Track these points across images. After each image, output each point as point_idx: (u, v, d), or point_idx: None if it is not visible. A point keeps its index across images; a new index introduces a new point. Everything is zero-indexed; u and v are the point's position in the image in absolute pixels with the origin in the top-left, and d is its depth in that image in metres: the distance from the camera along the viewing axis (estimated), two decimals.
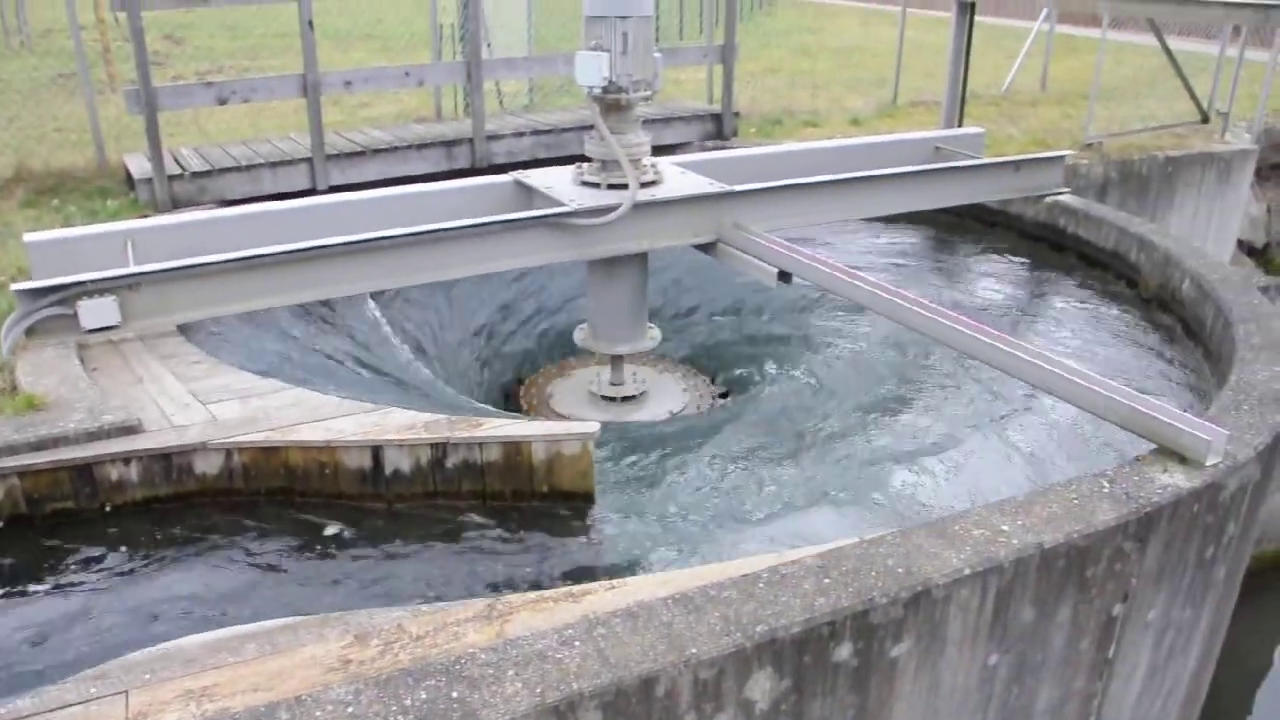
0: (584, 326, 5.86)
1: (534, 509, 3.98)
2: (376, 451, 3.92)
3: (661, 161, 5.77)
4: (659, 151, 5.89)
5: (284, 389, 4.40)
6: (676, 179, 5.59)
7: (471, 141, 8.27)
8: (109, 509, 3.85)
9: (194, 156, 7.69)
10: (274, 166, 7.55)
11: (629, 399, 5.95)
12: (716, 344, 6.88)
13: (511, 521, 3.89)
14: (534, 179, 5.48)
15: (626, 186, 5.15)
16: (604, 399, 5.95)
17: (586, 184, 5.40)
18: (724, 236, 5.40)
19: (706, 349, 6.85)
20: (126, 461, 3.84)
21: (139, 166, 7.42)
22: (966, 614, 2.98)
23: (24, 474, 3.71)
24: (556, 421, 5.27)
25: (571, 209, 5.06)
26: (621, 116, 5.34)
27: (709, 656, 2.54)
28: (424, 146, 8.16)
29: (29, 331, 4.30)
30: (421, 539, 3.78)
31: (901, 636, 2.87)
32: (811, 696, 2.78)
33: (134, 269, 4.43)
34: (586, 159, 5.50)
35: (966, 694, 3.15)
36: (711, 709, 2.61)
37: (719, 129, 9.60)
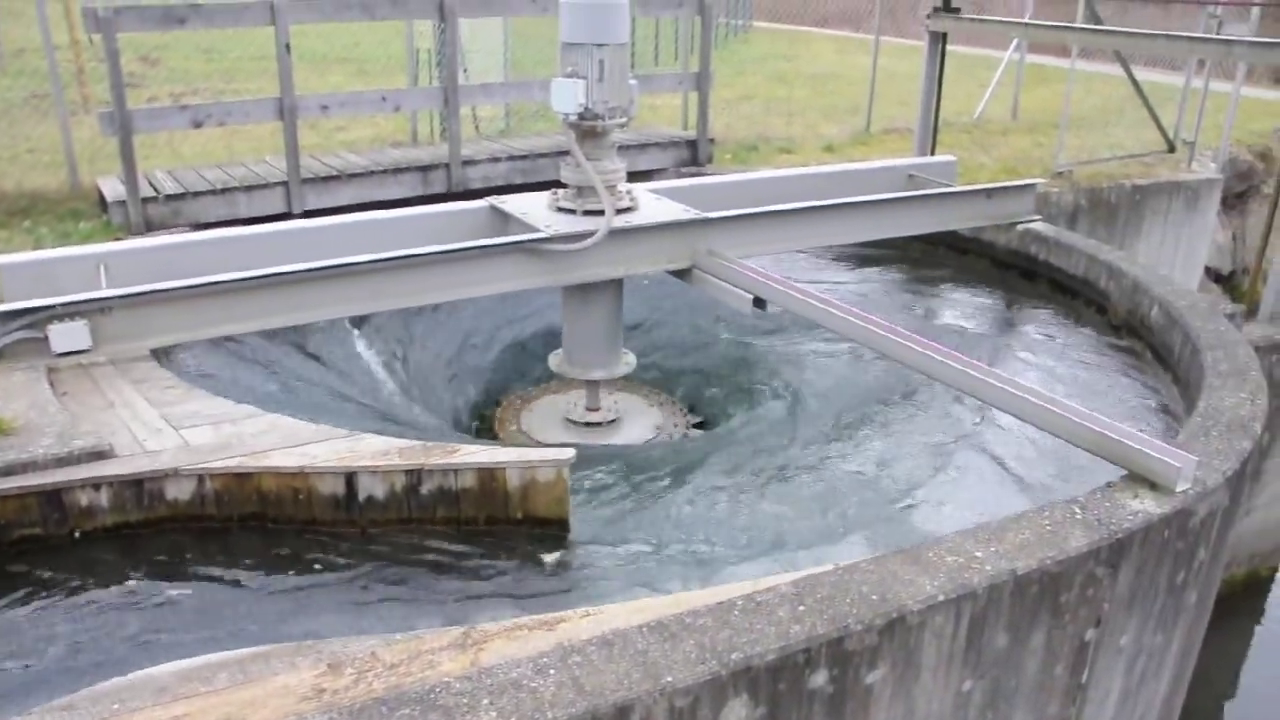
0: (559, 352, 5.86)
1: (509, 535, 3.97)
2: (350, 478, 3.90)
3: (637, 188, 5.79)
4: (634, 177, 5.92)
5: (257, 414, 4.37)
6: (652, 205, 5.61)
7: (447, 166, 8.28)
8: (78, 535, 3.80)
9: (168, 179, 7.65)
10: (249, 190, 7.53)
11: (604, 424, 5.95)
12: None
13: (486, 548, 3.87)
14: (510, 205, 5.49)
15: (602, 213, 5.17)
16: (579, 424, 5.95)
17: (562, 210, 5.42)
18: (699, 263, 5.43)
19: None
20: (96, 487, 3.79)
21: (112, 189, 7.38)
22: (941, 640, 2.99)
23: None
24: (532, 448, 5.26)
25: (547, 235, 5.07)
26: (597, 143, 5.37)
27: (684, 684, 2.54)
28: (400, 171, 8.17)
29: None
30: (395, 566, 3.76)
31: (876, 663, 2.88)
32: None
33: (106, 292, 4.40)
34: (562, 185, 5.52)
35: None
36: None
37: (694, 155, 9.66)
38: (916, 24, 13.88)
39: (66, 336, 4.28)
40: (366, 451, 4.00)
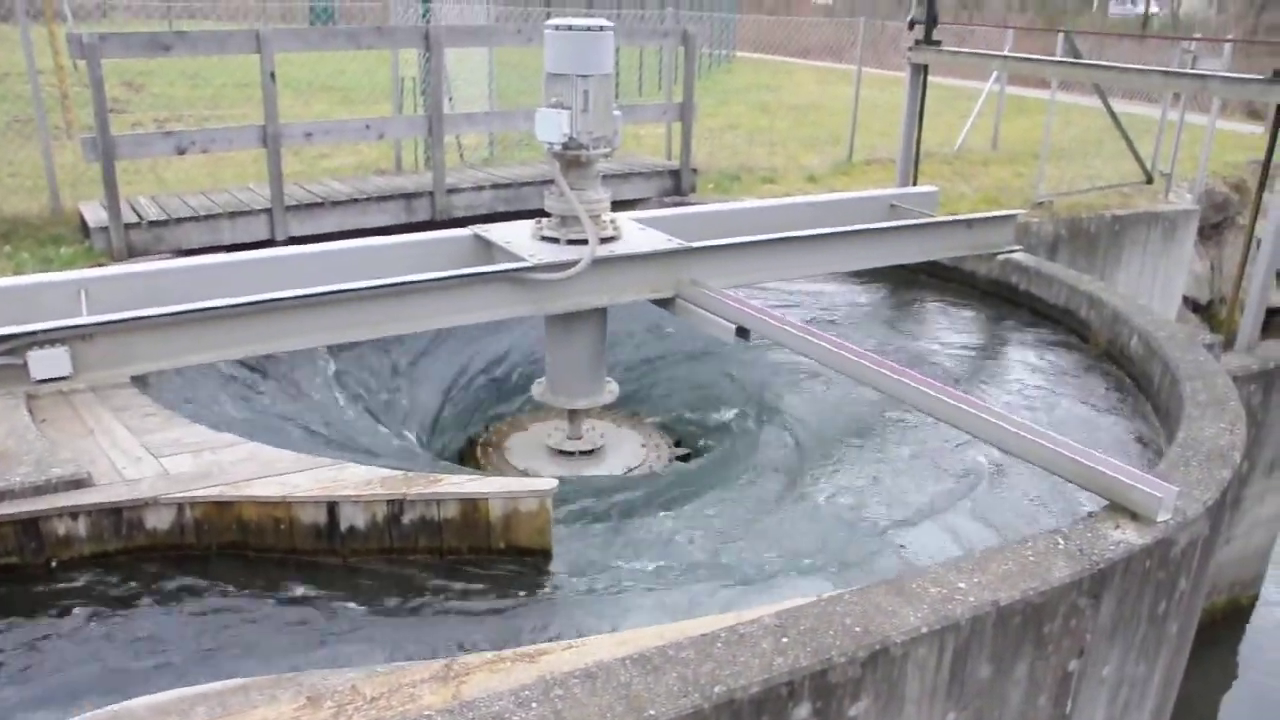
0: (542, 381, 5.85)
1: (491, 566, 3.95)
2: (332, 507, 3.87)
3: (621, 217, 5.81)
4: (618, 207, 5.94)
5: (238, 443, 4.35)
6: (635, 235, 5.63)
7: (431, 195, 8.30)
8: (55, 564, 3.76)
9: (151, 205, 7.64)
10: (232, 217, 7.52)
11: (587, 453, 5.93)
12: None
13: (468, 578, 3.85)
14: (493, 233, 5.50)
15: (586, 242, 5.18)
16: (561, 453, 5.93)
17: (546, 239, 5.43)
18: (682, 292, 5.44)
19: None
20: (74, 516, 3.76)
21: (95, 214, 7.36)
22: (924, 672, 2.99)
23: None
24: (514, 478, 5.24)
25: (531, 264, 5.08)
26: (581, 173, 5.39)
27: (667, 718, 2.52)
28: (384, 199, 8.18)
29: None
30: (377, 597, 3.73)
31: (860, 695, 2.87)
32: None
33: (87, 319, 4.37)
34: (546, 214, 5.53)
35: None
36: None
37: (677, 185, 9.72)
38: (897, 55, 14.02)
39: (46, 363, 4.24)
40: (348, 481, 3.98)
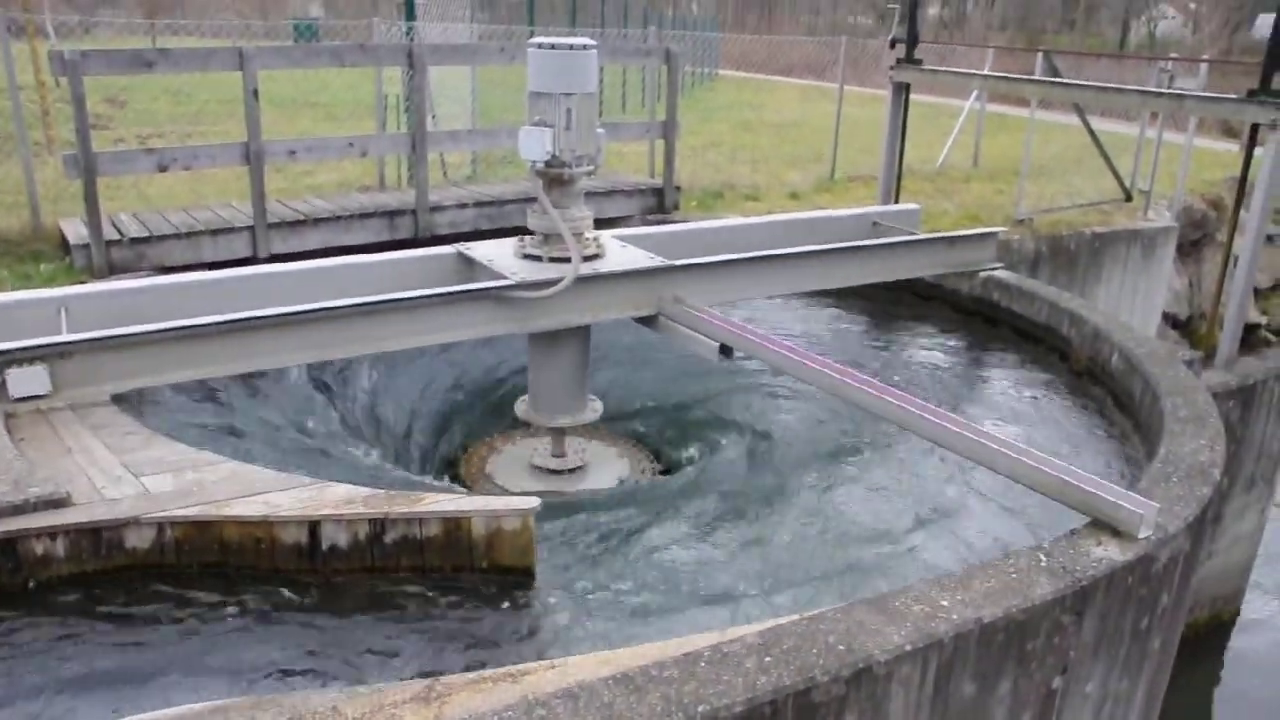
0: (525, 399, 5.84)
1: (474, 585, 3.93)
2: (314, 527, 3.85)
3: (603, 235, 5.82)
4: (600, 224, 5.95)
5: (220, 462, 4.31)
6: (618, 253, 5.64)
7: (414, 212, 8.29)
8: (33, 585, 3.72)
9: (133, 222, 7.60)
10: (214, 234, 7.50)
11: (570, 471, 5.92)
12: None
13: (451, 598, 3.83)
14: (476, 251, 5.50)
15: (569, 260, 5.19)
16: (544, 470, 5.92)
17: (529, 257, 5.43)
18: (665, 310, 5.45)
19: None
20: (53, 536, 3.72)
21: (75, 231, 7.32)
22: (908, 690, 2.99)
23: None
24: (497, 496, 5.22)
25: (513, 282, 5.08)
26: (564, 191, 5.40)
27: None
28: (367, 216, 8.17)
29: None
30: (358, 616, 3.70)
31: (844, 714, 2.87)
32: None
33: (67, 337, 4.35)
34: (529, 231, 5.54)
35: None
36: None
37: (660, 203, 9.74)
38: (879, 74, 14.14)
39: (25, 381, 4.21)
40: (330, 500, 3.95)
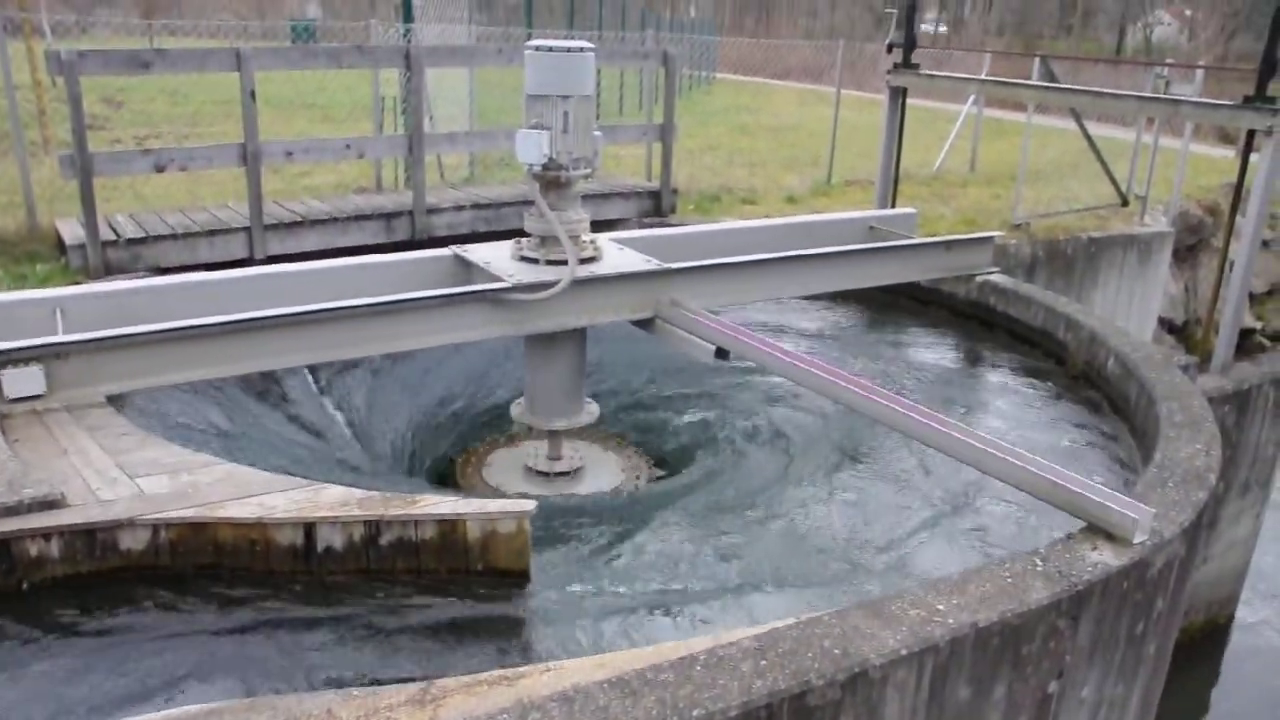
0: (521, 401, 5.83)
1: (469, 587, 3.92)
2: (309, 529, 3.84)
3: (600, 238, 5.82)
4: (597, 227, 5.95)
5: (215, 463, 4.31)
6: (615, 256, 5.64)
7: (411, 214, 8.29)
8: (27, 586, 3.71)
9: (129, 223, 7.59)
10: (211, 235, 7.49)
11: (566, 474, 5.91)
12: None
13: (446, 600, 3.82)
14: (473, 253, 5.50)
15: (565, 262, 5.18)
16: (540, 474, 5.91)
17: (525, 259, 5.43)
18: (661, 313, 5.45)
19: None
20: (47, 537, 3.71)
21: (71, 232, 7.30)
22: (903, 694, 2.99)
23: None
24: (492, 499, 5.21)
25: (510, 284, 5.07)
26: (561, 193, 5.39)
27: None
28: (363, 218, 8.16)
29: None
30: (353, 618, 3.69)
31: (839, 718, 2.86)
32: None
33: (62, 337, 4.34)
34: (526, 234, 5.53)
35: None
36: None
37: (657, 206, 9.74)
38: (876, 78, 14.16)
39: (20, 382, 4.20)
40: (325, 502, 3.94)
